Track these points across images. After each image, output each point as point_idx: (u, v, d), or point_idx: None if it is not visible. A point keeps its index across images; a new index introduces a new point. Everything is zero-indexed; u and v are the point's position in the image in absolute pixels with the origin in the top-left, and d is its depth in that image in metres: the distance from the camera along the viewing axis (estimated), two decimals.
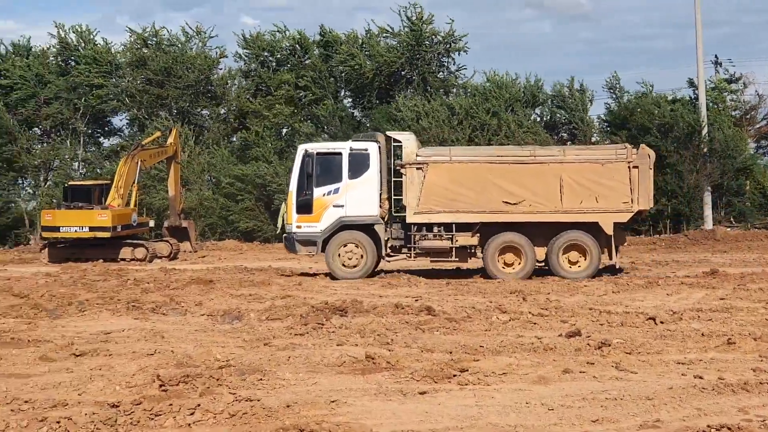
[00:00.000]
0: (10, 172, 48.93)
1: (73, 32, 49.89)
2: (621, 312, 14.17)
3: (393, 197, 23.34)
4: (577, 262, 22.24)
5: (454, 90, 46.31)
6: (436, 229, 22.68)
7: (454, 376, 9.00)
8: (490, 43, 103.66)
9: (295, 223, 23.25)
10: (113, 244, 30.26)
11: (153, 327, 13.23)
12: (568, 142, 41.42)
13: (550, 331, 12.37)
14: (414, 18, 45.50)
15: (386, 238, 22.96)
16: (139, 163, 31.37)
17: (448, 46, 45.81)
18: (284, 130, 47.34)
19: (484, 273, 22.51)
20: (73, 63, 49.71)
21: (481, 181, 22.39)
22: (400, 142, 23.38)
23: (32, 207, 48.90)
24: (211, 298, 17.28)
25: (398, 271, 22.79)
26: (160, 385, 8.40)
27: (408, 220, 22.72)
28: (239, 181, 42.65)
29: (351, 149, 23.34)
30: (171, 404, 7.44)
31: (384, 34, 46.60)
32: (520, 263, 22.27)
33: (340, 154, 23.32)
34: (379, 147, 23.35)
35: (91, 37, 49.96)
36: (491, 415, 7.58)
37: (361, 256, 22.86)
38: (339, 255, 22.92)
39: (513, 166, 22.60)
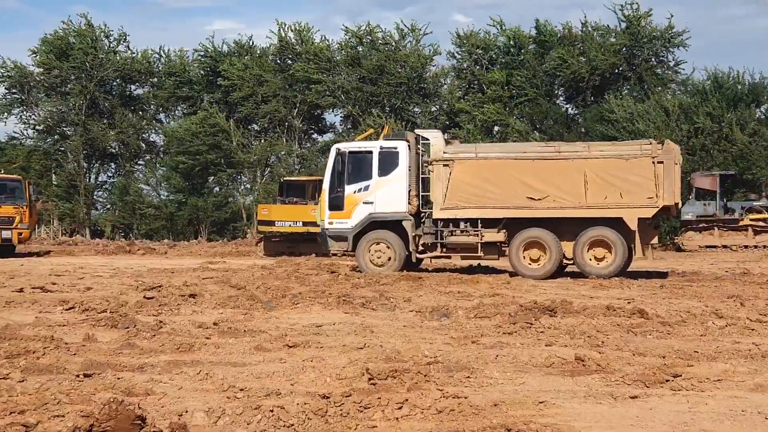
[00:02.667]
0: (228, 168, 50.72)
1: (292, 30, 51.29)
2: None
3: (422, 194, 23.48)
4: (603, 258, 22.32)
5: (673, 86, 45.03)
6: (462, 225, 23.19)
7: (667, 381, 8.73)
8: (709, 39, 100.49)
9: (328, 219, 24.21)
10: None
11: (363, 321, 13.41)
12: None
13: None
14: (631, 15, 44.57)
15: (414, 235, 23.43)
16: None
17: (666, 41, 44.63)
18: (495, 128, 47.21)
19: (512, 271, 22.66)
20: (290, 61, 51.08)
21: (506, 177, 22.75)
22: (428, 139, 23.53)
23: (249, 202, 50.60)
24: (419, 294, 17.40)
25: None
26: (369, 379, 8.48)
27: (434, 216, 23.27)
28: None
29: (381, 147, 24.05)
30: (379, 398, 7.49)
31: (600, 32, 45.87)
32: (545, 259, 22.43)
33: (370, 152, 24.05)
34: (409, 145, 23.82)
35: (310, 35, 51.18)
36: (704, 422, 7.31)
37: (390, 255, 23.37)
38: (369, 251, 23.69)
39: (537, 162, 22.85)
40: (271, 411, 7.14)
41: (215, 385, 8.47)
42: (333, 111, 52.27)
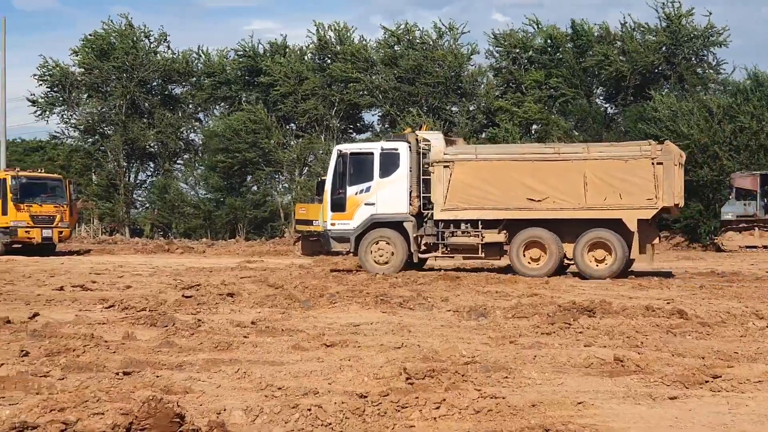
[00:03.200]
0: (267, 166, 50.88)
1: (331, 30, 51.39)
2: None
3: (423, 195, 23.51)
4: (603, 260, 22.28)
5: (713, 85, 44.65)
6: (463, 226, 23.31)
7: (707, 382, 8.65)
8: (749, 39, 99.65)
9: (330, 220, 24.36)
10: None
11: (400, 321, 13.41)
12: None
13: None
14: (671, 13, 44.24)
15: (415, 235, 23.53)
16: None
17: (706, 40, 44.28)
18: (534, 127, 47.05)
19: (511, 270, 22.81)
20: (329, 60, 51.19)
21: (506, 179, 22.83)
22: (429, 141, 23.55)
23: (287, 201, 50.71)
24: (457, 294, 17.38)
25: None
26: (407, 378, 8.48)
27: (435, 217, 23.41)
28: None
29: (382, 149, 24.16)
30: (417, 397, 7.48)
31: (640, 30, 45.60)
32: (545, 258, 22.53)
33: (372, 153, 24.18)
34: (410, 146, 23.59)
35: (349, 34, 51.26)
36: (745, 424, 7.24)
37: (392, 254, 23.48)
38: (371, 252, 23.80)
39: (537, 163, 22.90)
40: (309, 410, 7.15)
41: (253, 383, 8.50)
42: (371, 110, 52.36)
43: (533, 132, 46.78)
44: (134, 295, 17.18)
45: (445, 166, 23.26)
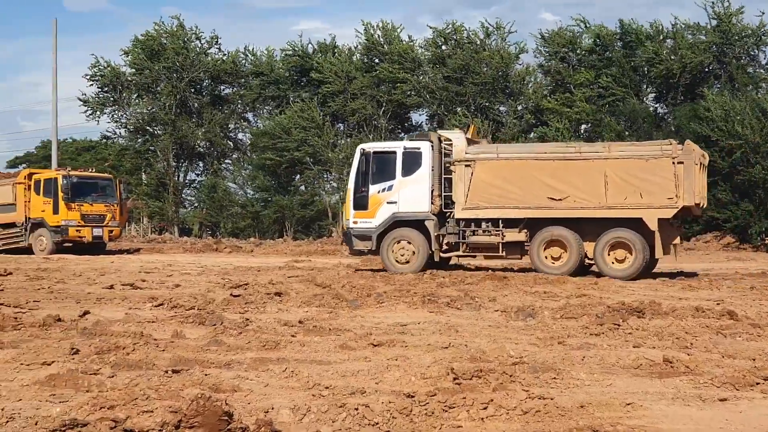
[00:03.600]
0: (316, 165, 51.00)
1: (379, 29, 51.39)
2: None
3: (445, 194, 23.55)
4: (624, 259, 22.26)
5: (765, 85, 44.11)
6: (484, 225, 23.41)
7: (757, 384, 8.55)
8: None
9: (352, 219, 24.55)
10: None
11: (447, 321, 13.39)
12: None
13: None
14: (721, 12, 43.80)
15: (437, 234, 23.66)
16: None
17: (758, 39, 43.79)
18: (583, 126, 46.75)
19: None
20: (377, 60, 51.21)
21: (527, 178, 22.93)
22: (450, 140, 23.59)
23: (335, 200, 50.76)
24: (505, 294, 17.33)
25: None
26: (454, 378, 8.46)
27: (456, 216, 23.55)
28: None
29: (405, 148, 24.29)
30: (464, 397, 7.47)
31: (690, 30, 45.17)
32: (566, 257, 22.58)
33: (394, 152, 24.33)
34: (432, 146, 23.99)
35: (396, 33, 51.23)
36: None
37: (413, 253, 23.59)
38: (392, 251, 24.01)
39: (558, 162, 22.97)
40: (356, 409, 7.16)
41: (300, 382, 8.53)
42: (418, 110, 52.31)
43: (583, 132, 46.49)
44: (183, 294, 17.31)
45: (466, 166, 23.44)
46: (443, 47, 49.60)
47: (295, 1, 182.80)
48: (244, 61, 56.69)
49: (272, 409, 7.37)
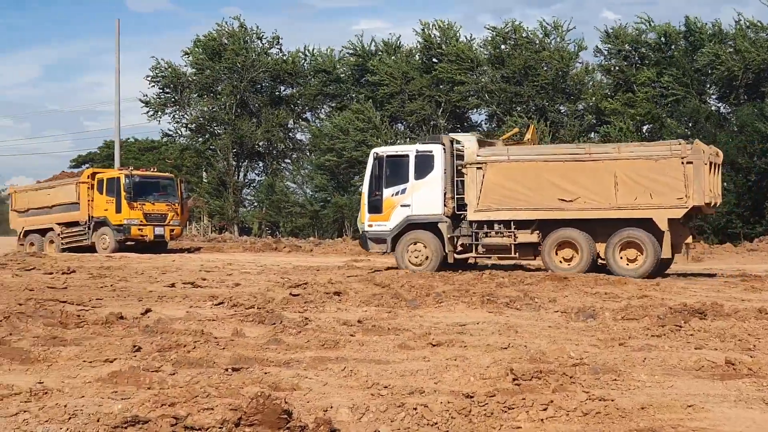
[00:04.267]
0: None
1: (437, 29, 51.25)
2: None
3: (458, 197, 23.65)
4: (635, 259, 22.34)
5: None
6: (497, 227, 23.65)
7: None
8: None
9: (367, 222, 24.95)
10: None
11: (507, 321, 13.34)
12: None
13: None
14: None
15: (450, 236, 23.87)
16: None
17: None
18: (645, 127, 46.27)
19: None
20: (435, 60, 51.11)
21: (538, 179, 23.13)
22: (462, 143, 23.77)
23: None
24: (565, 295, 17.22)
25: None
26: (513, 379, 8.43)
27: (468, 218, 23.78)
28: None
29: (417, 151, 24.59)
30: (524, 398, 7.43)
31: (753, 28, 44.56)
32: (577, 258, 22.73)
33: (407, 156, 24.65)
34: (444, 149, 24.13)
35: (454, 32, 51.05)
36: None
37: (426, 257, 24.12)
38: (407, 252, 24.27)
39: (568, 163, 23.13)
40: (415, 409, 7.15)
41: (359, 381, 8.54)
42: (477, 110, 52.14)
43: (645, 132, 46.03)
44: (243, 293, 17.43)
45: (478, 168, 23.64)
46: (502, 47, 49.35)
47: (355, 1, 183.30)
48: (303, 62, 56.90)
49: (331, 407, 7.39)
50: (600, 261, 23.04)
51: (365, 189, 25.20)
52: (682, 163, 21.90)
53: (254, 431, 6.51)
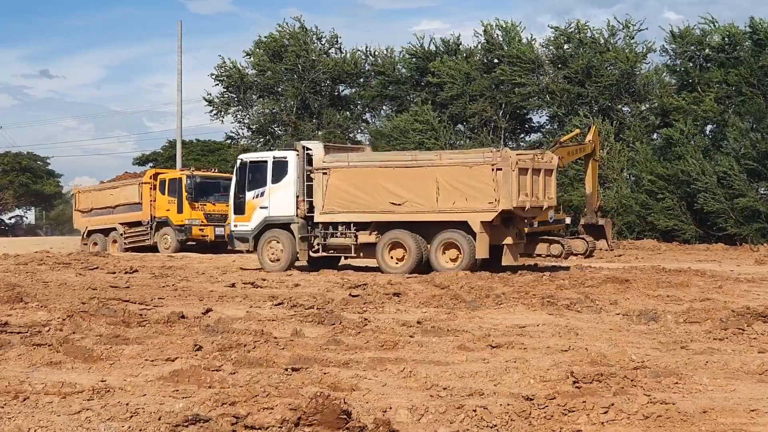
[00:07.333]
0: None
1: (499, 29, 50.94)
2: None
3: (308, 200, 25.46)
4: (456, 258, 23.88)
5: None
6: (340, 228, 25.23)
7: None
8: None
9: (233, 222, 27.14)
10: (530, 240, 30.66)
11: (567, 323, 13.25)
12: None
13: None
14: None
15: (301, 236, 25.33)
16: (558, 160, 31.64)
17: None
18: (708, 128, 45.64)
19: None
20: (496, 61, 50.82)
21: (373, 184, 24.64)
22: (311, 150, 25.49)
23: None
24: (626, 297, 17.06)
25: None
26: (574, 382, 8.38)
27: (315, 220, 25.36)
28: (661, 179, 41.63)
29: (274, 157, 26.59)
30: (584, 401, 7.38)
31: None
32: (407, 257, 24.15)
33: (266, 162, 26.59)
34: (297, 155, 25.76)
35: (516, 32, 50.66)
36: None
37: (282, 252, 25.62)
38: (265, 250, 25.95)
39: (397, 170, 24.65)
40: (474, 411, 7.14)
41: (418, 383, 8.54)
42: (538, 111, 51.76)
43: (708, 133, 45.43)
44: (302, 294, 17.52)
45: (323, 173, 25.14)
46: (565, 46, 48.93)
47: (415, 1, 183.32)
48: (363, 62, 56.90)
49: (390, 408, 7.40)
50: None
51: (231, 192, 27.22)
52: (492, 169, 23.25)
53: (314, 431, 6.54)
